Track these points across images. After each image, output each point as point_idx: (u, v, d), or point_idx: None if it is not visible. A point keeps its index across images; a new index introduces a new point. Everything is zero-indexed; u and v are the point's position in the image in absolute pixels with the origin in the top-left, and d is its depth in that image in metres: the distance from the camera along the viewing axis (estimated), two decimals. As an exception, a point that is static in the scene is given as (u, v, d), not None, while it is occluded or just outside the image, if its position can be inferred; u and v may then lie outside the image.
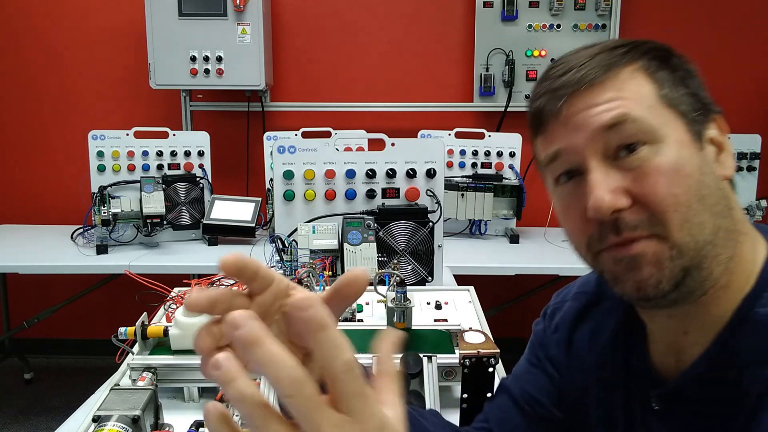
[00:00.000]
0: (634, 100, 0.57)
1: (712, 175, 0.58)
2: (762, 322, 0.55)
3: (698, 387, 0.59)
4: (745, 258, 0.59)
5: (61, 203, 3.13)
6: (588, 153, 0.58)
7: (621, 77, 0.58)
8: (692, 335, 0.61)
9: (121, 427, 0.76)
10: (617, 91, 0.57)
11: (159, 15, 2.73)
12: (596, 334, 0.74)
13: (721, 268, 0.57)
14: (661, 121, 0.56)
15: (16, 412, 2.79)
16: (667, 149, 0.56)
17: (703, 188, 0.56)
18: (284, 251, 1.50)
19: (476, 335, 0.89)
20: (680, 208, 0.55)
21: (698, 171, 0.56)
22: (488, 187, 2.49)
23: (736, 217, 0.59)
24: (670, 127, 0.57)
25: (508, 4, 2.94)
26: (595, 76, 0.57)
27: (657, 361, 0.66)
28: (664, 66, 0.59)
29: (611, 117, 0.56)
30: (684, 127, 0.58)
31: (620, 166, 0.57)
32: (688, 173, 0.55)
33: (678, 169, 0.55)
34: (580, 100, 0.58)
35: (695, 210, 0.55)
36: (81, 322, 3.28)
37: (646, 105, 0.57)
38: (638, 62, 0.59)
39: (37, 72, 3.11)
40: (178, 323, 0.98)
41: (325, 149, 1.67)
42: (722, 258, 0.57)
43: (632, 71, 0.58)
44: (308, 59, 3.11)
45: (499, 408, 0.79)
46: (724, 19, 3.04)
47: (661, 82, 0.58)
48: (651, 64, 0.59)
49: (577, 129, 0.58)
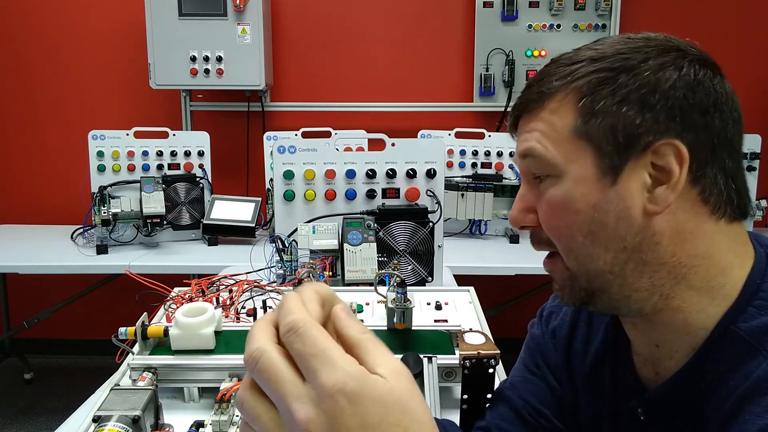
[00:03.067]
0: (547, 133, 0.59)
1: (615, 212, 0.57)
2: (742, 338, 0.54)
3: (677, 399, 0.59)
4: (698, 283, 0.57)
5: (61, 203, 3.14)
6: (520, 170, 0.65)
7: (549, 106, 0.59)
8: (664, 348, 0.61)
9: (122, 427, 0.76)
10: (537, 121, 0.60)
11: (159, 15, 2.73)
12: (588, 342, 0.74)
13: (642, 295, 0.58)
14: (567, 156, 0.58)
15: (16, 412, 2.79)
16: (563, 184, 0.59)
17: (594, 225, 0.58)
18: (284, 251, 1.50)
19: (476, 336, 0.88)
20: (562, 239, 0.60)
21: (591, 208, 0.57)
22: (488, 187, 2.49)
23: (668, 250, 0.57)
24: (574, 163, 0.58)
25: (508, 4, 2.94)
26: (529, 103, 0.61)
27: (640, 372, 0.66)
28: (602, 88, 0.56)
29: (522, 149, 0.62)
30: (593, 161, 0.57)
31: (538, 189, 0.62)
32: (576, 210, 0.58)
33: (564, 205, 0.59)
34: (521, 121, 0.63)
35: (579, 243, 0.59)
36: (81, 322, 3.28)
37: (556, 139, 0.59)
38: (579, 82, 0.57)
39: (37, 72, 3.11)
40: (179, 323, 0.98)
41: (325, 149, 1.67)
42: (639, 286, 0.58)
43: (561, 99, 0.58)
44: (308, 59, 3.11)
45: (500, 417, 0.78)
46: (724, 19, 3.05)
47: (583, 112, 0.57)
48: (589, 86, 0.57)
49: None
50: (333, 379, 0.33)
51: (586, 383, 0.73)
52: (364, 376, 0.34)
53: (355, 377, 0.34)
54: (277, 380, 0.35)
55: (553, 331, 0.79)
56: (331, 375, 0.33)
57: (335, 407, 0.33)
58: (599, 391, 0.71)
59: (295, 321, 0.35)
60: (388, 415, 0.34)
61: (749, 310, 0.55)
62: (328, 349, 0.34)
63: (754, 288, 0.56)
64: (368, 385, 0.34)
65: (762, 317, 0.54)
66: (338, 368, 0.34)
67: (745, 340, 0.54)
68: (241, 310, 1.27)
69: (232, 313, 1.24)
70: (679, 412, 0.59)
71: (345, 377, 0.34)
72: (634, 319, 0.63)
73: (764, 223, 2.91)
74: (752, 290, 0.56)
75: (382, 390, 0.34)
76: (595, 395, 0.71)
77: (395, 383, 0.35)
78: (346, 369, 0.34)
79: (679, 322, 0.58)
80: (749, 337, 0.54)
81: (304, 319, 0.35)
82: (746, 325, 0.55)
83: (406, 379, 0.36)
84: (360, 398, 0.33)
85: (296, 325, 0.35)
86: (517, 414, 0.78)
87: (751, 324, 0.54)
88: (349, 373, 0.34)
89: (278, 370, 0.35)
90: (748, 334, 0.54)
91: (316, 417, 0.33)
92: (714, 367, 0.56)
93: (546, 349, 0.80)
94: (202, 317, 0.99)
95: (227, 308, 1.26)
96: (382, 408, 0.34)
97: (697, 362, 0.57)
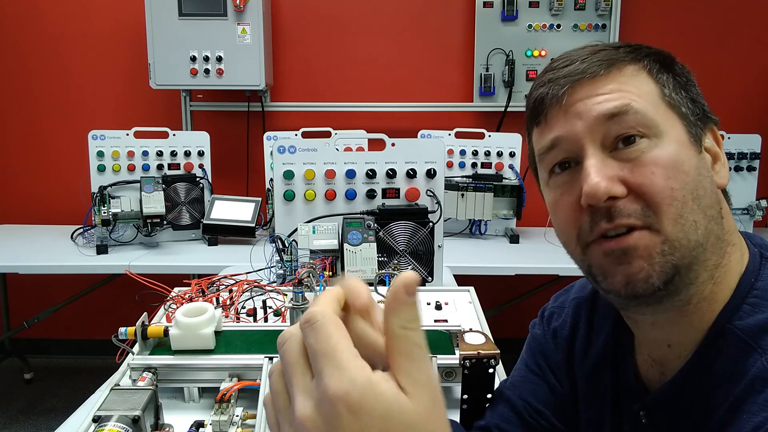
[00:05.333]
0: (637, 94, 0.57)
1: (709, 178, 0.58)
2: (738, 336, 0.54)
3: (679, 401, 0.59)
4: (732, 269, 0.58)
5: (61, 203, 3.13)
6: (586, 141, 0.57)
7: (624, 73, 0.58)
8: (675, 348, 0.61)
9: (121, 427, 0.76)
10: (620, 84, 0.57)
11: (159, 15, 2.73)
12: (589, 344, 0.74)
13: (707, 275, 0.56)
14: (663, 118, 0.57)
15: (16, 412, 2.79)
16: (666, 145, 0.56)
17: (699, 188, 0.56)
18: (284, 251, 1.50)
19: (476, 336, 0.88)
20: (675, 203, 0.54)
21: (696, 171, 0.56)
22: (488, 187, 2.49)
23: (726, 227, 0.58)
24: (670, 125, 0.57)
25: (508, 4, 2.94)
26: (598, 69, 0.58)
27: (643, 374, 0.66)
28: (666, 70, 0.59)
29: (613, 106, 0.56)
30: (684, 128, 0.58)
31: (618, 157, 0.56)
32: (686, 170, 0.55)
33: (676, 165, 0.55)
34: (582, 90, 0.58)
35: (690, 208, 0.54)
36: (81, 322, 3.28)
37: (648, 101, 0.57)
38: (641, 62, 0.59)
39: (37, 72, 3.11)
40: (179, 323, 0.98)
41: (325, 149, 1.67)
42: (710, 264, 0.56)
43: (635, 69, 0.59)
44: (308, 59, 3.11)
45: (500, 417, 0.78)
46: (724, 19, 3.04)
47: (663, 83, 0.58)
48: (654, 66, 0.59)
49: (577, 117, 0.58)
50: (336, 384, 0.31)
51: (586, 384, 0.72)
52: (369, 388, 0.32)
53: (359, 386, 0.31)
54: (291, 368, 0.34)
55: (554, 331, 0.79)
56: (334, 380, 0.32)
57: (333, 413, 0.31)
58: (600, 392, 0.71)
59: (313, 313, 0.34)
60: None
61: (744, 307, 0.55)
62: (339, 350, 0.32)
63: (749, 286, 0.57)
64: (372, 398, 0.31)
65: (756, 315, 0.54)
66: (344, 374, 0.32)
67: (741, 338, 0.54)
68: (241, 310, 1.27)
69: (232, 313, 1.24)
70: (681, 414, 0.59)
71: (348, 385, 0.31)
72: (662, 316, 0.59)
73: (764, 223, 2.90)
74: (747, 288, 0.57)
75: (387, 405, 0.32)
76: (596, 397, 0.71)
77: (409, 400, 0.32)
78: (352, 376, 0.32)
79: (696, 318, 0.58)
80: (744, 335, 0.54)
81: (323, 313, 0.34)
82: (742, 323, 0.55)
83: (426, 397, 0.33)
84: (361, 410, 0.31)
85: (314, 317, 0.33)
86: (516, 414, 0.77)
87: (746, 322, 0.54)
88: (354, 382, 0.31)
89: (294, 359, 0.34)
90: (744, 332, 0.54)
91: (314, 417, 0.32)
92: (713, 366, 0.56)
93: (547, 350, 0.80)
94: (202, 317, 0.99)
95: (227, 308, 1.26)
96: (382, 424, 0.31)
97: (697, 362, 0.57)
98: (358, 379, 0.32)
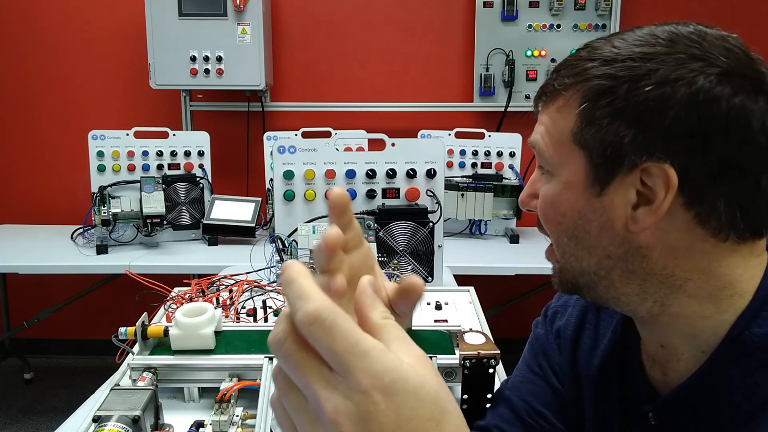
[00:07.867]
0: (550, 131, 0.60)
1: (598, 222, 0.57)
2: (756, 344, 0.54)
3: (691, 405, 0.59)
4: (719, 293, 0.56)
5: (61, 203, 3.13)
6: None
7: (557, 103, 0.59)
8: (669, 349, 0.61)
9: (121, 427, 0.76)
10: (548, 113, 0.61)
11: (159, 15, 2.73)
12: (595, 344, 0.73)
13: (634, 299, 0.58)
14: (561, 158, 0.59)
15: (16, 412, 2.79)
16: (554, 184, 0.60)
17: (579, 231, 0.58)
18: (284, 251, 1.50)
19: (476, 336, 0.88)
20: (552, 235, 0.63)
21: (576, 215, 0.58)
22: (488, 187, 2.49)
23: (658, 264, 0.56)
24: (566, 166, 0.58)
25: (508, 4, 2.94)
26: (549, 92, 0.61)
27: (649, 373, 0.66)
28: (602, 97, 0.54)
29: (530, 139, 0.63)
30: (584, 168, 0.56)
31: None
32: (563, 212, 0.59)
33: (554, 206, 0.60)
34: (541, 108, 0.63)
35: (565, 244, 0.60)
36: (81, 322, 3.28)
37: (556, 138, 0.59)
38: (586, 85, 0.56)
39: (37, 72, 3.11)
40: (179, 323, 0.98)
41: (325, 149, 1.67)
42: (629, 291, 0.58)
43: (570, 97, 0.57)
44: (308, 59, 3.11)
45: (500, 418, 0.78)
46: (724, 19, 3.04)
47: (582, 117, 0.56)
48: (591, 92, 0.55)
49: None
50: (370, 374, 0.31)
51: (592, 385, 0.72)
52: (398, 367, 0.32)
53: (390, 370, 0.32)
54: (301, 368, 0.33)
55: (558, 331, 0.79)
56: (368, 375, 0.31)
57: (368, 402, 0.31)
58: (607, 393, 0.70)
59: (318, 311, 0.31)
60: (422, 409, 0.32)
61: (762, 314, 0.55)
62: (361, 341, 0.32)
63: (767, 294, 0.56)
64: (402, 377, 0.32)
65: None
66: (374, 365, 0.31)
67: (759, 347, 0.53)
68: (241, 310, 1.28)
69: (232, 313, 1.24)
70: (691, 418, 0.59)
71: (382, 373, 0.31)
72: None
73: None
74: (765, 296, 0.55)
75: (416, 382, 0.32)
76: (603, 397, 0.71)
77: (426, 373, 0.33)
78: (384, 362, 0.32)
79: (682, 327, 0.58)
80: (763, 343, 0.53)
81: (328, 308, 0.32)
82: (760, 331, 0.54)
83: (431, 368, 0.34)
84: (394, 391, 0.31)
85: (320, 317, 0.31)
86: (516, 415, 0.77)
87: (765, 329, 0.54)
88: (386, 367, 0.32)
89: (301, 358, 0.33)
90: (763, 341, 0.53)
91: (346, 410, 0.31)
92: (729, 372, 0.55)
93: (549, 349, 0.79)
94: (202, 317, 0.99)
95: (227, 308, 1.26)
96: (415, 401, 0.32)
97: (712, 367, 0.57)
98: (389, 364, 0.32)
